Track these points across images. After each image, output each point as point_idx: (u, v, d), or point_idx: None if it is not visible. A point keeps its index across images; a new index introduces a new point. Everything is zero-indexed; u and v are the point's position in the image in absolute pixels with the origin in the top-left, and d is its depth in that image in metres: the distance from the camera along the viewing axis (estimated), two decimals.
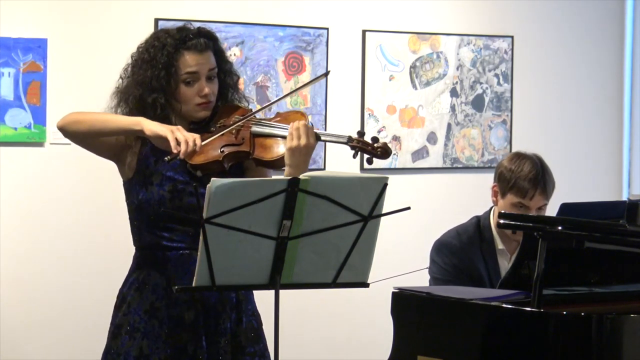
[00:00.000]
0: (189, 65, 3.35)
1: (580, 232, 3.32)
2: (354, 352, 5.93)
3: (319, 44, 5.84)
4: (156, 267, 3.38)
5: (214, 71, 3.40)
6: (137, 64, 3.39)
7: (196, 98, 3.36)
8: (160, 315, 3.36)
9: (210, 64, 3.38)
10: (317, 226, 3.02)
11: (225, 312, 3.39)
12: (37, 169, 5.22)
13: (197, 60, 3.35)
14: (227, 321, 3.39)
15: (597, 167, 6.69)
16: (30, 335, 5.22)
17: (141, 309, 3.38)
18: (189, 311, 3.35)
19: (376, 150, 3.26)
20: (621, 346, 3.25)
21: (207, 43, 3.38)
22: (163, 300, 3.36)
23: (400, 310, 3.57)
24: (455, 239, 4.09)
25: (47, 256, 5.23)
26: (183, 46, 3.35)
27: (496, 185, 4.08)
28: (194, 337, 3.35)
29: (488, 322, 3.36)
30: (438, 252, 4.09)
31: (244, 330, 3.41)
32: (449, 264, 4.03)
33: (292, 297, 3.52)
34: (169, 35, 3.38)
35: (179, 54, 3.35)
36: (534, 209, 3.99)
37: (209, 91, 3.36)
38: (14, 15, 5.14)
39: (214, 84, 3.40)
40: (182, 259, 3.35)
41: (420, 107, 6.14)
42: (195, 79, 3.35)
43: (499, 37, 6.35)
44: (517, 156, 4.09)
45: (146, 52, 3.38)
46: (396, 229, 5.62)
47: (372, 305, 5.08)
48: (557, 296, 3.50)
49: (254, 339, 3.43)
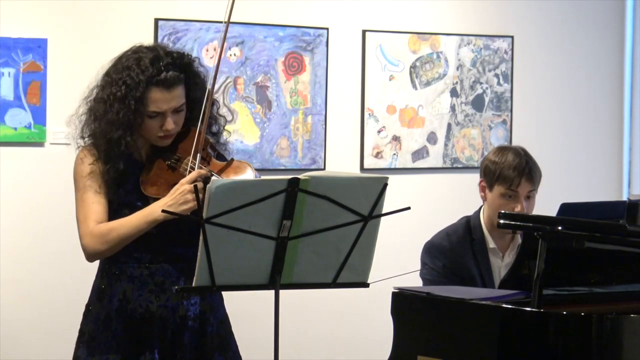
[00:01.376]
0: (155, 102, 3.33)
1: (580, 232, 3.32)
2: (354, 352, 5.93)
3: (319, 44, 5.84)
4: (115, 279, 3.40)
5: (182, 106, 3.38)
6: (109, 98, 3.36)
7: (158, 131, 3.37)
8: (113, 327, 3.38)
9: (177, 100, 3.36)
10: (317, 226, 3.02)
11: (183, 326, 3.38)
12: (37, 169, 5.22)
13: (164, 98, 3.33)
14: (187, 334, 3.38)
15: (597, 167, 6.69)
16: (30, 335, 5.22)
17: (100, 317, 3.41)
18: (144, 325, 3.36)
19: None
20: (621, 346, 3.25)
21: (177, 77, 3.35)
22: (120, 310, 3.38)
23: (400, 310, 3.57)
24: (444, 240, 4.09)
25: (46, 256, 5.23)
26: (152, 82, 3.33)
27: (483, 180, 4.09)
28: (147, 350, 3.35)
29: (488, 322, 3.36)
30: (428, 254, 4.09)
31: (208, 341, 3.41)
32: (439, 266, 4.03)
33: (292, 297, 3.52)
34: (142, 71, 3.33)
35: (148, 90, 3.32)
36: (523, 197, 3.99)
37: (171, 127, 3.36)
38: (14, 15, 5.14)
39: (180, 115, 3.39)
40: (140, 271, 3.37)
41: (420, 107, 6.14)
42: (159, 114, 3.35)
43: (499, 37, 6.35)
44: (500, 149, 4.13)
45: (119, 87, 3.34)
46: (396, 229, 5.62)
47: (372, 305, 5.08)
48: (557, 296, 3.50)
49: (220, 347, 3.43)
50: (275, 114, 5.74)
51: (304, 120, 5.82)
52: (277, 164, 5.74)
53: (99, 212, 3.35)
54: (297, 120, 5.80)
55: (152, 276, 3.36)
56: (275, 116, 5.74)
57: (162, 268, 3.36)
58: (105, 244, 3.33)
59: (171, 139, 3.40)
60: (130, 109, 3.31)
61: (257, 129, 5.71)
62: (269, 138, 5.73)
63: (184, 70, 3.39)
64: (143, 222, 3.28)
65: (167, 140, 3.40)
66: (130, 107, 3.31)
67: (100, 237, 3.33)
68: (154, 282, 3.36)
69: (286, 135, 5.76)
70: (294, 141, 5.79)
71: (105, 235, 3.32)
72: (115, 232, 3.31)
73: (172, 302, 3.36)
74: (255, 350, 5.23)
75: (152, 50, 3.41)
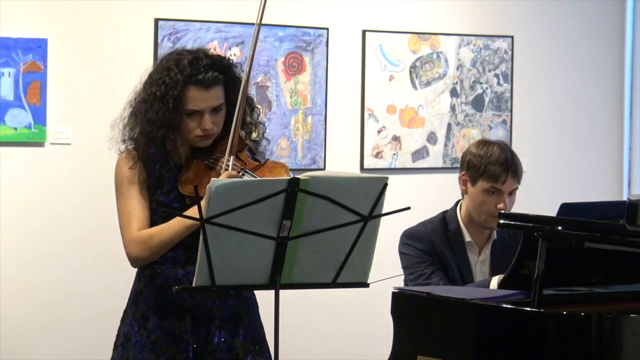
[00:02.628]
0: (193, 101, 3.35)
1: (580, 232, 3.32)
2: (354, 352, 5.93)
3: (319, 44, 5.85)
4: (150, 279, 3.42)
5: (220, 106, 3.40)
6: (149, 97, 3.39)
7: (197, 130, 3.38)
8: (149, 325, 3.39)
9: (215, 100, 3.37)
10: (317, 226, 3.02)
11: (215, 324, 3.39)
12: (37, 169, 5.22)
13: (202, 97, 3.34)
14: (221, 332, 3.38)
15: (597, 167, 6.69)
16: (31, 336, 5.22)
17: (134, 319, 3.42)
18: (179, 322, 3.37)
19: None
20: (621, 346, 3.25)
21: (215, 78, 3.37)
22: (154, 310, 3.39)
23: (400, 310, 3.57)
24: (419, 227, 4.08)
25: (47, 256, 5.23)
26: (190, 81, 3.35)
27: (464, 174, 4.04)
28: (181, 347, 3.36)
29: (488, 322, 3.36)
30: (404, 243, 4.06)
31: (241, 343, 3.41)
32: (416, 251, 3.99)
33: (292, 297, 3.52)
34: (180, 70, 3.37)
35: (186, 89, 3.35)
36: (506, 193, 3.96)
37: (209, 126, 3.37)
38: (14, 15, 5.14)
39: (219, 116, 3.40)
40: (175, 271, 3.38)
41: (420, 107, 6.14)
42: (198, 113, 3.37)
43: (499, 37, 6.35)
44: (483, 143, 4.06)
45: (158, 87, 3.37)
46: (396, 229, 5.61)
47: (372, 305, 5.08)
48: (557, 296, 3.50)
49: (254, 352, 3.43)
50: (275, 114, 5.74)
51: (304, 120, 5.82)
52: None
53: (140, 218, 3.37)
54: (297, 120, 5.80)
55: (188, 276, 3.34)
56: (275, 116, 5.74)
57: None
58: (147, 250, 3.35)
59: (210, 139, 3.40)
60: (169, 107, 3.33)
61: None
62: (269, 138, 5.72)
63: (223, 72, 3.41)
64: (182, 227, 3.30)
65: (207, 141, 3.40)
66: (169, 105, 3.34)
67: (143, 243, 3.35)
68: (189, 282, 3.35)
69: (286, 135, 5.76)
70: (294, 141, 5.79)
71: (148, 242, 3.35)
72: (157, 238, 3.33)
73: (207, 302, 3.37)
74: None
75: (193, 52, 3.44)
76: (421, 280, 3.93)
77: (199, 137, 3.38)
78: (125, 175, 3.41)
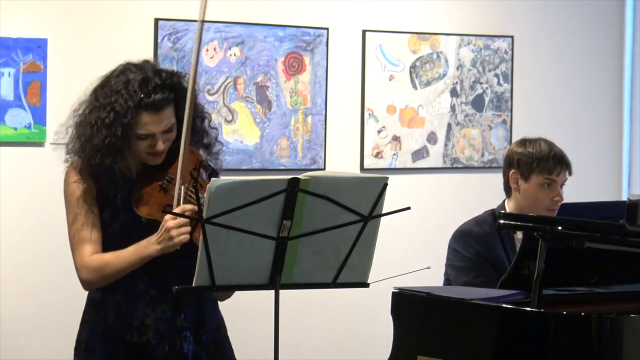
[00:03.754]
0: (144, 126, 3.26)
1: (580, 232, 3.32)
2: (353, 352, 5.93)
3: (319, 44, 5.85)
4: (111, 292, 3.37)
5: (172, 126, 3.31)
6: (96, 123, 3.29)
7: (148, 149, 3.30)
8: (113, 337, 3.35)
9: (167, 121, 3.28)
10: (317, 226, 3.02)
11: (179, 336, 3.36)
12: (37, 169, 5.22)
13: (153, 120, 3.26)
14: (184, 343, 3.36)
15: (597, 167, 6.69)
16: (31, 336, 5.22)
17: (97, 329, 3.39)
18: (141, 336, 3.34)
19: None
20: (621, 346, 3.25)
21: (165, 99, 3.28)
22: (116, 323, 3.35)
23: (400, 310, 3.57)
24: (476, 226, 4.06)
25: (46, 256, 5.23)
26: (141, 105, 3.26)
27: (515, 172, 4.05)
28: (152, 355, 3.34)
29: (488, 322, 3.36)
30: (459, 241, 4.05)
31: (204, 347, 3.40)
32: (472, 252, 3.99)
33: (292, 297, 3.52)
34: (130, 96, 3.26)
35: (137, 114, 3.25)
36: (560, 185, 4.02)
37: (161, 148, 3.29)
38: (14, 15, 5.14)
39: (170, 135, 3.31)
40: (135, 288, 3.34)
41: (420, 107, 6.14)
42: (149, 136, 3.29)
43: (499, 37, 6.35)
44: (527, 140, 4.14)
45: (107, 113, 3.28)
46: (396, 229, 5.62)
47: (372, 305, 5.08)
48: (557, 296, 3.50)
49: (216, 354, 3.42)
50: (275, 114, 5.74)
51: (304, 120, 5.82)
52: (277, 164, 5.74)
53: (92, 239, 3.31)
54: (297, 120, 5.80)
55: (147, 289, 3.33)
56: (275, 116, 5.74)
57: (157, 281, 3.33)
58: (101, 278, 3.32)
59: (162, 157, 3.33)
60: (117, 135, 3.24)
61: (257, 129, 5.71)
62: (269, 138, 5.73)
63: (173, 89, 3.32)
64: (137, 258, 3.25)
65: (158, 159, 3.33)
66: (117, 133, 3.24)
67: (97, 271, 3.31)
68: (149, 295, 3.34)
69: (286, 135, 5.76)
70: (294, 141, 5.79)
71: (101, 270, 3.31)
72: (111, 267, 3.29)
73: (169, 314, 3.34)
74: (255, 350, 5.22)
75: (141, 70, 3.33)
76: None
77: (150, 154, 3.31)
78: (73, 190, 3.32)
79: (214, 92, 5.56)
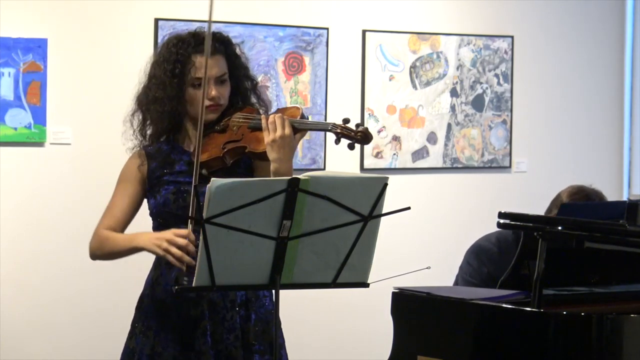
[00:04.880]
0: (198, 69, 3.38)
1: (580, 232, 3.33)
2: (354, 352, 5.93)
3: (319, 44, 5.84)
4: (166, 267, 3.41)
5: (224, 75, 3.44)
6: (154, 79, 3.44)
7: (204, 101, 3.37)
8: (170, 313, 3.39)
9: (219, 68, 3.42)
10: (317, 226, 3.02)
11: (232, 309, 3.39)
12: (37, 169, 5.22)
13: (206, 64, 3.34)
14: (236, 317, 3.39)
15: (597, 167, 6.69)
16: (31, 336, 5.21)
17: (153, 306, 3.43)
18: (196, 308, 3.37)
19: (356, 134, 3.28)
20: (621, 346, 3.25)
21: (217, 47, 3.42)
22: (172, 297, 3.38)
23: (400, 310, 3.57)
24: (495, 245, 4.06)
25: (47, 256, 5.23)
26: (193, 50, 3.40)
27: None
28: (200, 333, 3.36)
29: (488, 322, 3.36)
30: (475, 256, 4.06)
31: (252, 327, 3.42)
32: (484, 272, 4.00)
33: (292, 297, 3.52)
34: (183, 44, 3.42)
35: (189, 59, 3.40)
36: None
37: (216, 94, 3.40)
38: (14, 15, 5.13)
39: (224, 87, 3.44)
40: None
41: (420, 107, 6.14)
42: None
43: (499, 37, 6.35)
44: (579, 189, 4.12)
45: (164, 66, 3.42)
46: (396, 229, 5.62)
47: (372, 305, 5.08)
48: (557, 296, 3.50)
49: (263, 337, 3.43)
50: None
51: None
52: None
53: (116, 215, 3.45)
54: None
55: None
56: None
57: None
58: (100, 250, 3.48)
59: (218, 111, 3.43)
60: (174, 81, 3.38)
61: None
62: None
63: (224, 44, 3.46)
64: (127, 245, 3.38)
65: (214, 114, 3.42)
66: (174, 80, 3.38)
67: (98, 242, 3.47)
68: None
69: None
70: None
71: (102, 242, 3.46)
72: (108, 244, 3.44)
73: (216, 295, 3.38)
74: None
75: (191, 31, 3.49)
76: None
77: (206, 107, 3.37)
78: (125, 171, 3.49)
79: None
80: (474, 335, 3.38)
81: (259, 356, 3.40)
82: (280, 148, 3.26)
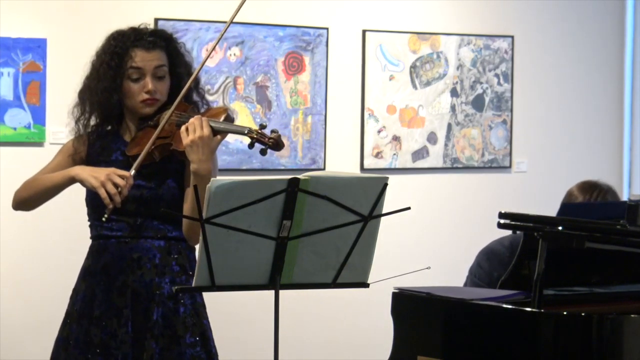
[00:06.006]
0: (134, 61, 3.44)
1: (580, 232, 3.32)
2: (354, 352, 5.93)
3: (319, 44, 5.84)
4: (97, 255, 3.51)
5: (162, 69, 3.47)
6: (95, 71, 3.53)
7: (141, 94, 3.45)
8: (96, 300, 3.45)
9: (157, 61, 3.46)
10: (317, 226, 3.01)
11: (154, 301, 3.41)
12: (36, 169, 5.19)
13: (143, 57, 3.44)
14: (158, 311, 3.41)
15: (597, 167, 6.68)
16: (31, 336, 5.21)
17: (84, 295, 3.49)
18: (120, 297, 3.41)
19: (268, 141, 3.32)
20: (621, 346, 3.25)
21: (157, 42, 3.47)
22: (99, 285, 3.45)
23: (400, 310, 3.57)
24: (508, 249, 4.06)
25: (47, 256, 5.23)
26: (132, 44, 3.45)
27: None
28: (122, 321, 3.40)
29: (488, 323, 3.36)
30: (487, 259, 4.06)
31: (181, 319, 3.43)
32: (494, 276, 4.00)
33: (292, 297, 3.52)
34: (123, 37, 3.48)
35: (128, 52, 3.45)
36: None
37: (152, 88, 3.44)
38: (14, 15, 5.13)
39: (162, 82, 3.48)
40: (119, 247, 3.45)
41: (420, 107, 6.14)
42: (141, 75, 3.45)
43: (499, 37, 6.35)
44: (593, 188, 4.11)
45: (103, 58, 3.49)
46: (396, 229, 5.62)
47: (372, 305, 5.08)
48: (557, 296, 3.50)
49: (193, 330, 3.44)
50: (275, 113, 5.74)
51: (304, 120, 5.82)
52: (277, 164, 5.74)
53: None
54: (297, 120, 5.80)
55: (131, 251, 3.42)
56: (275, 116, 5.74)
57: (140, 244, 3.43)
58: (26, 191, 3.62)
59: (154, 106, 3.47)
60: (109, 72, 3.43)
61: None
62: None
63: (166, 41, 3.50)
64: (61, 177, 3.48)
65: (151, 108, 3.46)
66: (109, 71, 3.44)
67: (27, 185, 3.61)
68: (132, 258, 3.43)
69: (286, 135, 5.75)
70: (294, 141, 5.79)
71: (31, 183, 3.60)
72: (38, 182, 3.56)
73: (147, 278, 3.42)
74: (255, 350, 5.23)
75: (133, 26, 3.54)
76: None
77: (143, 101, 3.44)
78: (67, 147, 3.58)
79: (214, 92, 5.56)
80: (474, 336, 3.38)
81: (190, 349, 3.42)
82: (199, 148, 3.29)
